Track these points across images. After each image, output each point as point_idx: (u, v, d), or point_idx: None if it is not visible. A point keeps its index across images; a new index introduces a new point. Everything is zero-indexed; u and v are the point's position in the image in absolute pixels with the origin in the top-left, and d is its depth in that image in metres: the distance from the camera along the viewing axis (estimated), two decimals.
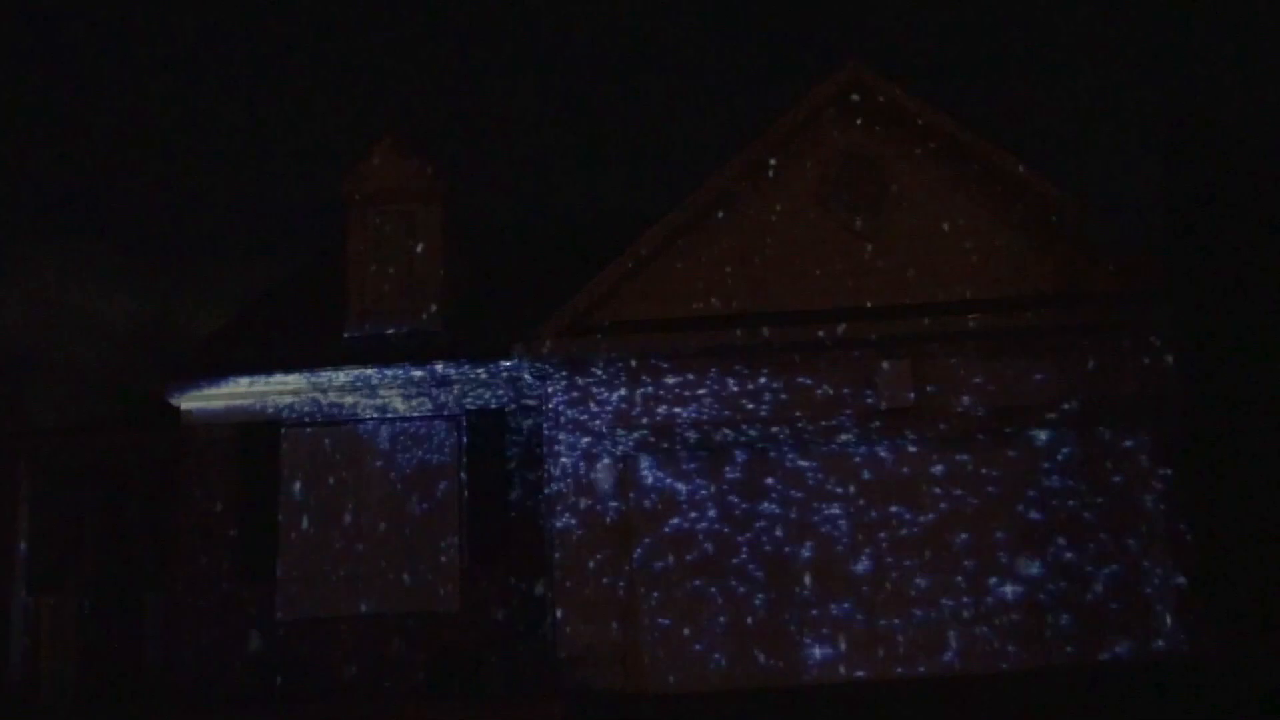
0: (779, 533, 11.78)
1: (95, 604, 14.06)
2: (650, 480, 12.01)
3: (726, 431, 11.89)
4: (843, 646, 11.49)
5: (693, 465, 12.01)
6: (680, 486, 11.97)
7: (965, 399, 11.76)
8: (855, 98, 12.44)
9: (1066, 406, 11.72)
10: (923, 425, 11.80)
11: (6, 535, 14.12)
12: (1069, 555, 11.56)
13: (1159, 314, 11.67)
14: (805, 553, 11.73)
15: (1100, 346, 11.80)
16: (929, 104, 12.28)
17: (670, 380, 11.98)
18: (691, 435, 11.91)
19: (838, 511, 11.81)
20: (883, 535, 11.73)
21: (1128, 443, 11.76)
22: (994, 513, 11.74)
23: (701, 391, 11.94)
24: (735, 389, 11.92)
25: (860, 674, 11.36)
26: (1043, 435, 11.87)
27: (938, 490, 11.81)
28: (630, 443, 11.91)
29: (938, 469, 11.86)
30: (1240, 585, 10.65)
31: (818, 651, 11.50)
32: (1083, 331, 11.78)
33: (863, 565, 11.68)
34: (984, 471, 11.84)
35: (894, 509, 11.79)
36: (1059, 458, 11.83)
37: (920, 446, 11.90)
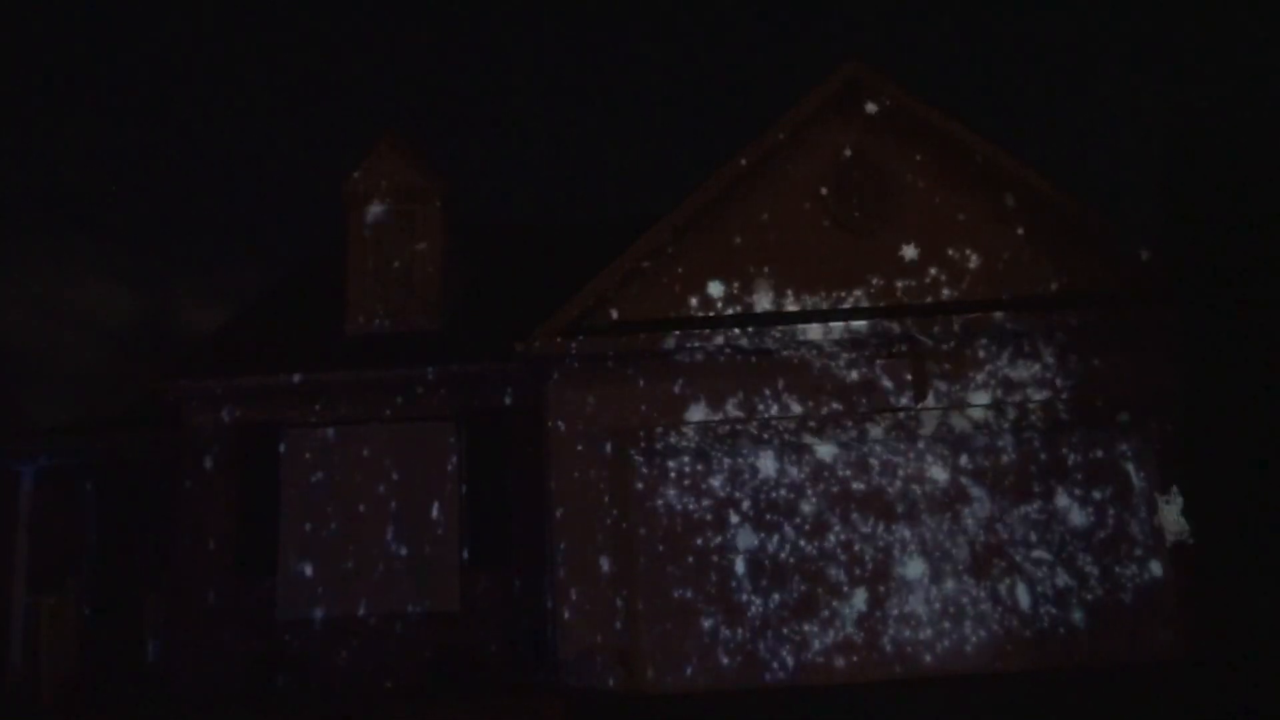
0: (779, 532, 11.77)
1: (95, 604, 14.06)
2: (650, 480, 12.00)
3: (725, 431, 11.88)
4: (842, 646, 11.49)
5: (692, 465, 12.01)
6: (680, 486, 11.97)
7: (965, 399, 11.76)
8: (855, 97, 12.45)
9: (1067, 406, 11.72)
10: (923, 425, 11.80)
11: (6, 535, 14.12)
12: (1069, 555, 11.56)
13: (1159, 314, 11.67)
14: (805, 552, 11.72)
15: (1101, 346, 11.80)
16: (929, 103, 12.28)
17: (669, 380, 11.98)
18: (691, 435, 11.91)
19: (837, 511, 11.81)
20: (882, 535, 11.73)
21: (1128, 443, 11.77)
22: (994, 512, 11.74)
23: (700, 392, 11.94)
24: (734, 389, 11.92)
25: (860, 674, 11.36)
26: (1043, 435, 11.87)
27: (937, 490, 11.81)
28: (630, 442, 11.90)
29: (937, 468, 11.86)
30: (1240, 586, 10.65)
31: (817, 651, 11.50)
32: (1083, 331, 11.78)
33: (862, 565, 11.67)
34: (984, 471, 11.84)
35: (894, 509, 11.79)
36: (1059, 457, 11.82)
37: (920, 446, 11.90)
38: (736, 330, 11.85)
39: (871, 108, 12.45)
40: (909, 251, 12.16)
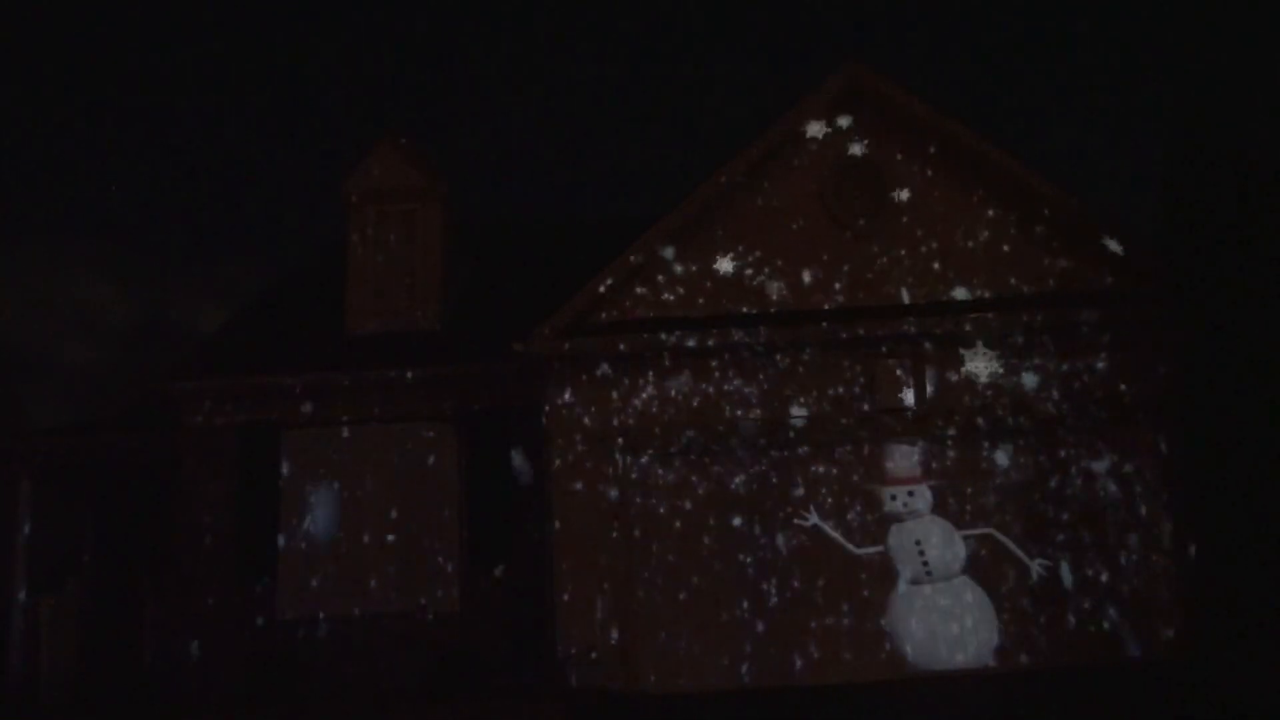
0: (778, 532, 11.77)
1: (95, 604, 14.06)
2: (650, 480, 12.00)
3: (725, 431, 11.88)
4: (842, 646, 11.49)
5: (692, 465, 12.01)
6: (680, 486, 11.96)
7: (965, 399, 11.75)
8: (855, 97, 12.44)
9: (1066, 407, 11.71)
10: (922, 425, 11.79)
11: (6, 535, 14.12)
12: (1069, 555, 11.55)
13: (1159, 314, 11.67)
14: (804, 552, 11.72)
15: (1101, 347, 11.79)
16: (928, 103, 12.28)
17: (669, 380, 11.97)
18: (691, 435, 11.90)
19: (836, 511, 11.79)
20: (881, 534, 11.72)
21: (1126, 442, 11.75)
22: (993, 513, 11.73)
23: (701, 392, 11.92)
24: (734, 389, 11.91)
25: (860, 674, 11.35)
26: (1042, 434, 11.86)
27: (936, 490, 11.79)
28: (630, 442, 11.90)
29: (936, 469, 11.85)
30: (1240, 586, 10.65)
31: (817, 651, 11.50)
32: (1083, 331, 11.77)
33: (861, 564, 11.67)
34: (983, 472, 11.83)
35: (893, 509, 11.77)
36: (1059, 458, 11.82)
37: (919, 445, 11.88)
38: (735, 330, 11.84)
39: (871, 108, 12.44)
40: (908, 251, 12.15)
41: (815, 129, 12.46)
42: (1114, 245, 11.94)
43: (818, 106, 12.35)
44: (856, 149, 12.44)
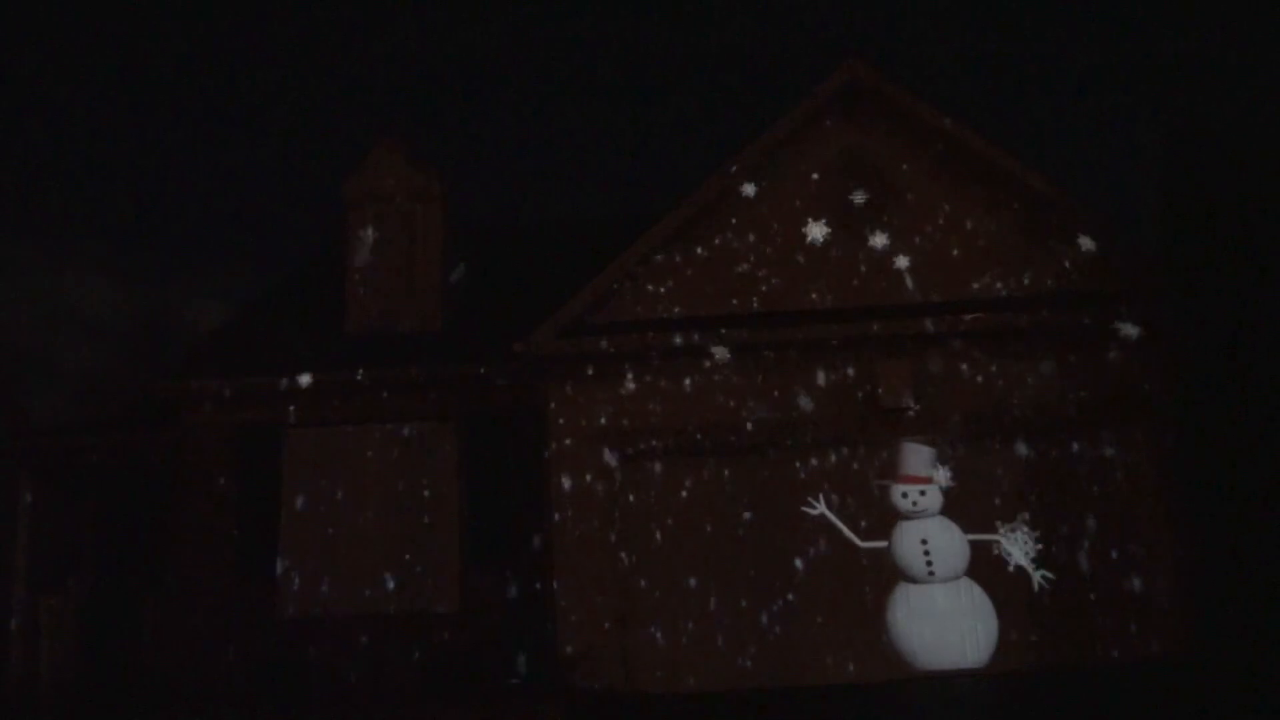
0: (778, 532, 11.76)
1: (95, 604, 14.06)
2: (650, 479, 11.99)
3: (725, 432, 11.87)
4: (842, 646, 11.48)
5: (692, 464, 12.00)
6: (679, 486, 11.95)
7: (965, 399, 11.75)
8: (855, 98, 12.44)
9: (1066, 406, 11.70)
10: (922, 426, 11.79)
11: (6, 535, 14.12)
12: (1068, 555, 11.54)
13: (1159, 314, 11.67)
14: (804, 552, 11.71)
15: (1100, 346, 11.79)
16: (929, 104, 12.28)
17: (669, 381, 11.97)
18: (690, 435, 11.89)
19: (837, 511, 11.78)
20: (882, 535, 11.71)
21: (1127, 443, 11.75)
22: (993, 513, 11.72)
23: (701, 391, 11.92)
24: (735, 388, 11.91)
25: (860, 674, 11.34)
26: (1042, 435, 11.85)
27: (936, 490, 11.77)
28: (630, 442, 11.89)
29: (936, 469, 11.83)
30: (1240, 585, 10.65)
31: (816, 651, 11.49)
32: (1083, 331, 11.77)
33: (861, 565, 11.66)
34: (983, 472, 11.82)
35: (892, 509, 11.76)
36: (1058, 458, 11.81)
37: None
38: (736, 331, 11.84)
39: (871, 107, 12.44)
40: (908, 251, 12.14)
41: (815, 129, 12.46)
42: (1113, 246, 11.95)
43: (818, 106, 12.35)
44: (857, 148, 12.45)
